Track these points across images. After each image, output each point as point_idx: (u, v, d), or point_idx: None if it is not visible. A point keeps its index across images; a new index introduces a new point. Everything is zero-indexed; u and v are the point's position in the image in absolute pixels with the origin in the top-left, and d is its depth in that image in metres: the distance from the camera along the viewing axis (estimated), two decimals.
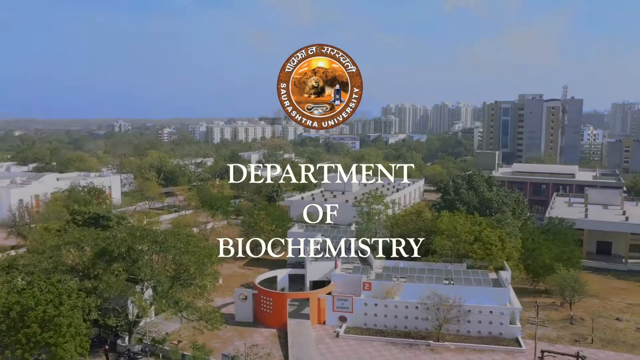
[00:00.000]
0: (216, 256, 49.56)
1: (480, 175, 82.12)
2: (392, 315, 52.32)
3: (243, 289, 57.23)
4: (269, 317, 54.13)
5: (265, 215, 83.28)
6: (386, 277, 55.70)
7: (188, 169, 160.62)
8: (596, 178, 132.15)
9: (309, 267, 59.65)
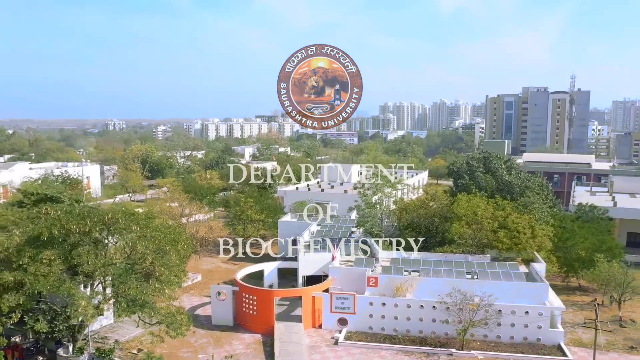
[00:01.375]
0: (185, 244, 39.47)
1: (498, 157, 72.34)
2: (404, 317, 42.43)
3: (221, 286, 47.24)
4: (252, 319, 44.18)
5: (254, 203, 73.39)
6: (395, 270, 45.78)
7: (176, 160, 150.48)
8: (614, 168, 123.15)
9: (302, 259, 49.72)
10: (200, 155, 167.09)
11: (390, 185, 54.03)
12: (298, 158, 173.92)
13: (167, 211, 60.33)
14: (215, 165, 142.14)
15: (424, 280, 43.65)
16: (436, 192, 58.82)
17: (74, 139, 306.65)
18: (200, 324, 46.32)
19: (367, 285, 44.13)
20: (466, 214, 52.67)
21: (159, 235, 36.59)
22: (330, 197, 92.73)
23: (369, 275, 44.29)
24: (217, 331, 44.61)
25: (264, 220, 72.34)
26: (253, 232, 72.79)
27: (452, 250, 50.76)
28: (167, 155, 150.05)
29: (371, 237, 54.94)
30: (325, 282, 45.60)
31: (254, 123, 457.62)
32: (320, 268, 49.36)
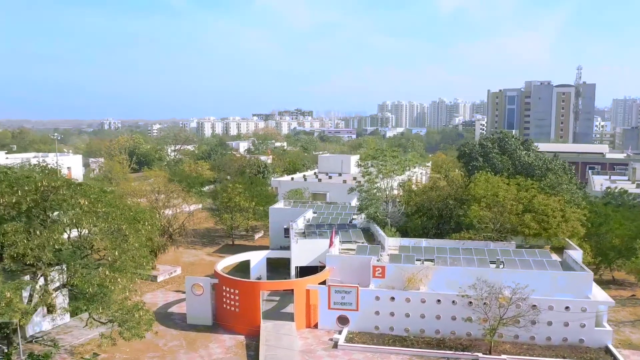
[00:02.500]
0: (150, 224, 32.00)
1: (515, 138, 65.05)
2: (417, 314, 35.06)
3: (197, 278, 39.85)
4: (234, 317, 36.78)
5: (243, 189, 65.96)
6: (406, 259, 38.41)
7: (166, 153, 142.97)
8: (629, 157, 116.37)
9: (295, 247, 42.29)
10: (192, 149, 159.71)
11: (398, 161, 46.54)
12: (295, 152, 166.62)
13: (139, 192, 52.77)
14: (208, 158, 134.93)
15: (440, 270, 36.25)
16: (448, 171, 51.40)
17: (67, 137, 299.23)
18: (174, 323, 38.94)
19: (373, 277, 36.74)
20: (485, 195, 45.32)
21: (114, 212, 29.11)
22: (328, 187, 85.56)
23: (374, 265, 36.90)
24: (193, 332, 37.19)
25: (254, 208, 64.85)
26: (242, 222, 65.43)
27: (470, 236, 43.44)
28: (156, 147, 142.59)
29: (375, 223, 47.56)
30: (321, 273, 38.22)
31: (251, 122, 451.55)
32: (316, 258, 41.97)
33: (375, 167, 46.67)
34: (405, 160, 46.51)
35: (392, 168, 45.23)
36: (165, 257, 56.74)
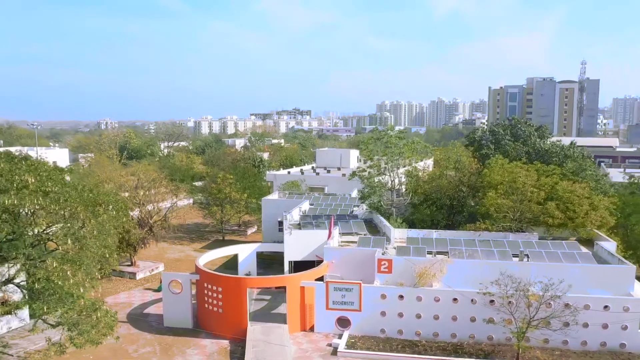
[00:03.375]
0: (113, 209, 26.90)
1: (528, 124, 60.13)
2: (430, 314, 30.05)
3: (175, 274, 34.85)
4: (217, 319, 31.73)
5: (235, 180, 60.94)
6: (416, 251, 33.40)
7: (158, 148, 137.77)
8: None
9: (288, 239, 37.24)
10: (186, 145, 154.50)
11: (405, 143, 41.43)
12: (292, 148, 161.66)
13: (116, 179, 47.64)
14: (202, 153, 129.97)
15: (457, 263, 31.23)
16: (459, 156, 46.38)
17: (62, 136, 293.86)
18: (149, 325, 33.91)
19: (378, 272, 31.71)
20: (502, 181, 40.34)
21: (67, 193, 24.04)
22: (326, 180, 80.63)
23: (379, 258, 31.87)
24: (170, 336, 32.16)
25: (246, 201, 59.76)
26: (233, 216, 60.37)
27: (486, 227, 38.39)
28: (148, 142, 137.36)
29: (378, 214, 42.55)
30: (318, 268, 33.20)
31: (249, 121, 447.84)
32: (312, 251, 36.95)
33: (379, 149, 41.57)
34: (412, 143, 41.58)
35: (398, 150, 40.17)
36: (147, 253, 51.72)
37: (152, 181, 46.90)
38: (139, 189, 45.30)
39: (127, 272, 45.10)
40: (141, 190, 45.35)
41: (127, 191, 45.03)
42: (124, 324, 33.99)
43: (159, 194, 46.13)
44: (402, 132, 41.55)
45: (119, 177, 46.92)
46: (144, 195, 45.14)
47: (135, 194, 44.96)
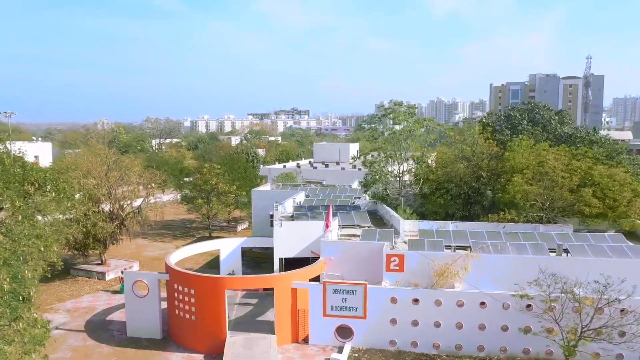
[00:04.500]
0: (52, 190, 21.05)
1: (547, 108, 54.48)
2: (452, 322, 24.27)
3: (140, 273, 29.07)
4: (190, 329, 25.90)
5: (223, 171, 55.15)
6: (431, 246, 27.63)
7: (149, 143, 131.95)
8: None
9: (279, 232, 31.38)
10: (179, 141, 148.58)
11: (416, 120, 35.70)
12: (289, 144, 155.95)
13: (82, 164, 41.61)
14: (194, 149, 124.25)
15: (485, 259, 25.45)
16: (476, 138, 40.60)
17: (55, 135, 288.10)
18: (110, 335, 28.07)
19: (386, 270, 25.93)
20: (529, 164, 34.62)
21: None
22: (324, 174, 75.29)
23: (389, 253, 26.08)
24: (132, 348, 26.34)
25: (236, 193, 53.89)
26: (220, 210, 54.52)
27: (512, 217, 32.62)
28: (138, 137, 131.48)
29: (384, 204, 36.84)
30: (314, 266, 27.40)
31: (246, 121, 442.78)
32: (307, 247, 31.12)
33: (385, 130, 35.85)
34: (424, 120, 35.89)
35: (409, 127, 34.42)
36: (122, 250, 46.05)
37: (124, 168, 41.05)
38: (109, 176, 39.40)
39: (96, 272, 39.37)
40: (112, 179, 39.46)
41: (94, 178, 39.25)
42: (80, 334, 28.23)
43: (132, 182, 40.21)
44: (411, 108, 35.89)
45: (84, 163, 41.06)
46: (115, 183, 39.25)
47: (105, 181, 39.07)
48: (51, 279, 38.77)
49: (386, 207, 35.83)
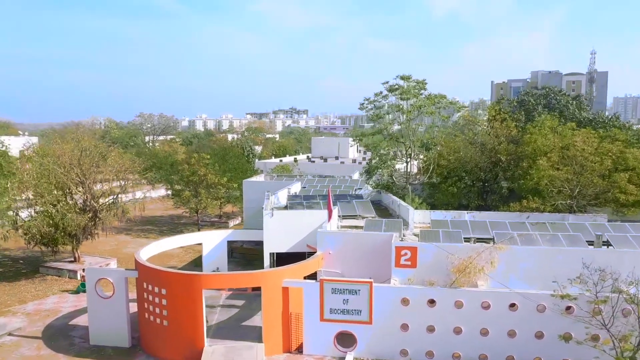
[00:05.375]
0: None
1: (563, 93, 50.45)
2: (476, 328, 20.12)
3: (104, 269, 24.94)
4: (161, 335, 21.71)
5: (213, 161, 51.01)
6: (447, 237, 23.52)
7: (142, 140, 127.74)
8: None
9: (269, 223, 27.20)
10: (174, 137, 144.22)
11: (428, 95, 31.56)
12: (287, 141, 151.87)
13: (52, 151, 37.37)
14: (189, 145, 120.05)
15: (513, 252, 21.30)
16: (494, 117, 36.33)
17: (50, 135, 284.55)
18: (70, 343, 23.90)
19: (396, 265, 21.78)
20: (554, 147, 30.53)
21: None
22: (322, 169, 71.17)
23: (398, 245, 21.93)
24: (93, 359, 22.17)
25: (227, 185, 49.65)
26: (210, 204, 50.29)
27: (537, 205, 28.49)
28: (130, 133, 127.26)
29: (390, 193, 32.72)
30: (309, 261, 23.23)
31: (244, 120, 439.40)
32: (302, 240, 27.01)
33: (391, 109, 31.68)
34: (435, 97, 31.78)
35: (418, 104, 30.32)
36: (101, 246, 42.02)
37: (100, 154, 36.86)
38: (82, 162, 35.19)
39: (67, 270, 35.19)
40: (85, 165, 35.23)
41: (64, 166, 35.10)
42: (35, 341, 24.08)
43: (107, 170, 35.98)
44: (421, 83, 31.77)
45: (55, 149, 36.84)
46: (88, 170, 35.01)
47: (78, 167, 34.82)
48: (16, 278, 34.72)
49: (392, 196, 31.71)
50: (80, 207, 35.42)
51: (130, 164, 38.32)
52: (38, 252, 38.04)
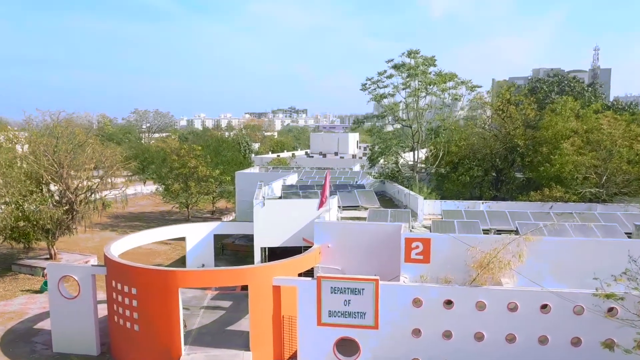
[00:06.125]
0: None
1: (576, 80, 47.44)
2: (501, 334, 17.05)
3: (72, 266, 21.87)
4: (133, 341, 18.64)
5: (205, 153, 47.93)
6: (463, 228, 20.46)
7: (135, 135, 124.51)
8: None
9: (260, 214, 24.11)
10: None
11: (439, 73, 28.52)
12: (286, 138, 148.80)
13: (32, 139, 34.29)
14: (185, 141, 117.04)
15: (543, 243, 18.24)
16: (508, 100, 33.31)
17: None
18: (30, 350, 20.87)
19: (406, 260, 18.72)
20: (578, 130, 27.51)
21: None
22: (321, 163, 68.42)
23: (409, 237, 18.85)
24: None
25: (219, 178, 46.52)
26: (201, 199, 47.18)
27: (561, 194, 25.43)
28: (124, 130, 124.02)
29: (396, 183, 29.69)
30: (304, 256, 20.13)
31: (243, 119, 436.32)
32: (297, 233, 23.89)
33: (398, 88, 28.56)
34: (446, 75, 28.77)
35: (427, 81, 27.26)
36: (82, 243, 39.11)
37: (77, 142, 33.80)
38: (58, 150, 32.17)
39: (41, 268, 32.05)
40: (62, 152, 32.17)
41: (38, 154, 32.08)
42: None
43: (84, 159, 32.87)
44: (431, 59, 28.70)
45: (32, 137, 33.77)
46: (65, 159, 31.92)
47: (52, 155, 31.76)
48: None
49: (398, 185, 28.65)
50: (57, 200, 32.42)
51: (111, 153, 35.22)
52: (11, 248, 35.07)
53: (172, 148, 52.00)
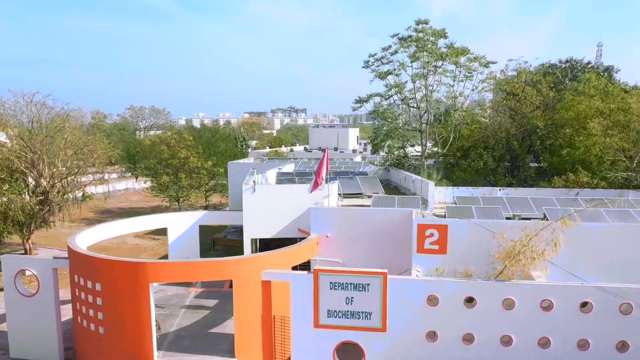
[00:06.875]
0: None
1: (591, 66, 44.73)
2: (532, 337, 14.32)
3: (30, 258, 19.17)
4: (98, 346, 15.91)
5: (197, 143, 45.18)
6: (482, 214, 17.74)
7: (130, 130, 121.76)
8: None
9: (249, 201, 21.36)
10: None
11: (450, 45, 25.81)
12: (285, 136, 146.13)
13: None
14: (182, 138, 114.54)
15: (583, 229, 15.52)
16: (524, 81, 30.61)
17: None
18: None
19: (418, 250, 16.02)
20: (603, 110, 24.81)
21: None
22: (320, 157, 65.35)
23: (421, 223, 16.13)
24: None
25: (212, 170, 43.70)
26: (192, 192, 44.37)
27: (587, 180, 22.72)
28: (119, 126, 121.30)
29: (402, 170, 26.98)
30: (299, 246, 17.39)
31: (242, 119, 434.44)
32: (292, 222, 21.16)
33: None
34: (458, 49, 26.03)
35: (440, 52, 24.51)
36: (63, 238, 36.14)
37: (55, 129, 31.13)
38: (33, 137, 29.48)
39: None
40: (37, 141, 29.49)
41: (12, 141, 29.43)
42: None
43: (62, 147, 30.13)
44: (442, 32, 25.94)
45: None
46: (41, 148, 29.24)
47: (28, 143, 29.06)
48: None
49: (404, 172, 25.92)
50: (32, 191, 29.72)
51: (92, 139, 32.53)
52: None
53: (162, 138, 49.39)
